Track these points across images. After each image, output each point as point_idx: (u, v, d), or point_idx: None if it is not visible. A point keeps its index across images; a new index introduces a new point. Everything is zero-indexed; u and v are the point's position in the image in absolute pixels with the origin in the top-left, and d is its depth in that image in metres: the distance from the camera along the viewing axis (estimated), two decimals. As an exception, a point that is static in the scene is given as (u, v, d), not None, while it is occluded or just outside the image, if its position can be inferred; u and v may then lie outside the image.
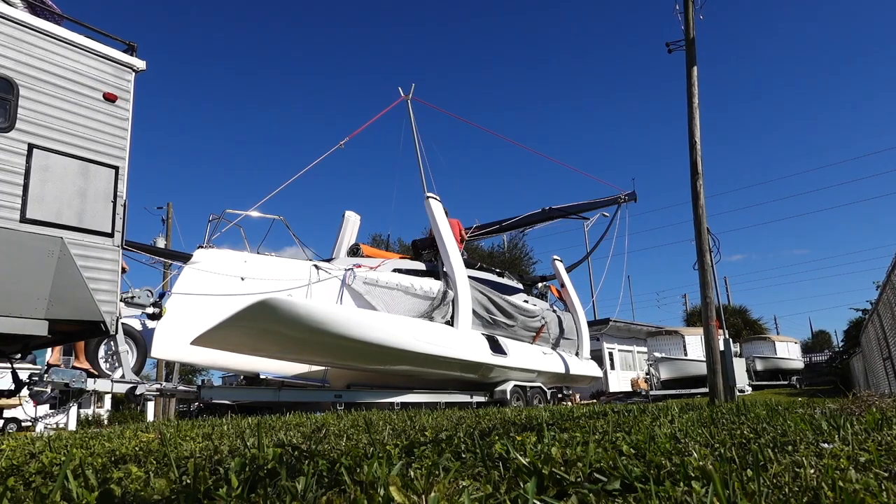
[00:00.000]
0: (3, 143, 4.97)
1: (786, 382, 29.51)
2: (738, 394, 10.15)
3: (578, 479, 1.66)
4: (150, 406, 20.45)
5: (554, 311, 14.67)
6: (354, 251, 12.45)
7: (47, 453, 2.97)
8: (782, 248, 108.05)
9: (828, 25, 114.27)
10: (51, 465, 2.57)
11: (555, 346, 14.17)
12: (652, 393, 24.53)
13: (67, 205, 5.25)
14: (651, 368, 26.11)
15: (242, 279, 9.31)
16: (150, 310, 8.84)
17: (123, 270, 7.51)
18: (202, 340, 7.88)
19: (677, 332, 27.60)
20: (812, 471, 1.74)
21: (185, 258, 9.23)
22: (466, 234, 14.82)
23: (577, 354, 14.93)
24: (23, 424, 17.00)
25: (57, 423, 9.66)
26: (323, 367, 10.55)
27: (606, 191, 18.54)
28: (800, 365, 32.35)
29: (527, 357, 12.60)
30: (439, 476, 1.75)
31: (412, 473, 1.75)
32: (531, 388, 12.96)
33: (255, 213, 10.97)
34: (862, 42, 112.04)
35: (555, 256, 16.38)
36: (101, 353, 8.49)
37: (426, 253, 13.81)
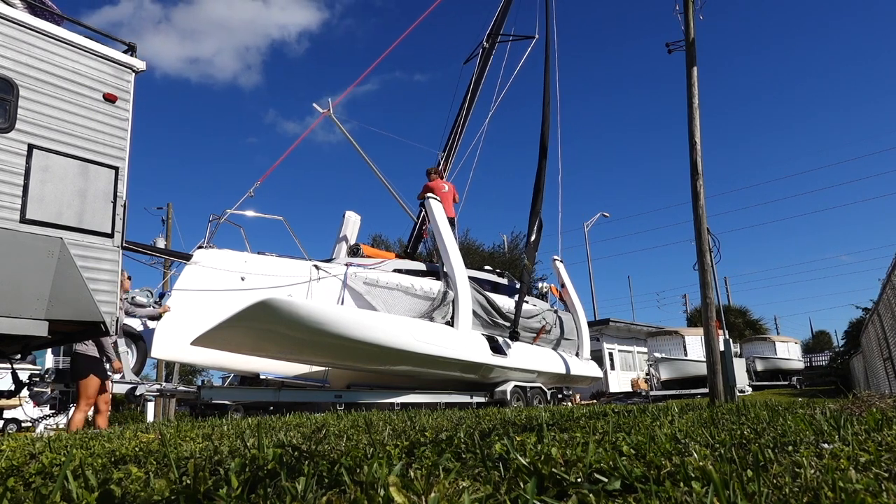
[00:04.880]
0: (3, 144, 4.97)
1: (786, 383, 29.47)
2: (738, 394, 10.15)
3: (578, 480, 1.66)
4: (150, 407, 20.42)
5: (554, 312, 14.67)
6: (354, 251, 12.45)
7: (47, 454, 2.96)
8: (783, 249, 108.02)
9: (828, 25, 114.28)
10: (51, 465, 2.57)
11: (555, 346, 14.17)
12: (652, 393, 24.52)
13: (67, 205, 5.25)
14: (651, 369, 26.10)
15: (243, 279, 9.31)
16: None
17: (125, 290, 7.51)
18: (202, 341, 7.89)
19: (677, 333, 27.55)
20: (812, 471, 1.74)
21: (186, 258, 9.22)
22: (442, 176, 13.78)
23: (577, 355, 14.93)
24: (23, 425, 17.01)
25: (57, 424, 9.66)
26: (323, 368, 10.55)
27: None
28: (800, 365, 32.27)
29: (527, 357, 12.60)
30: (439, 476, 1.75)
31: (412, 474, 1.74)
32: (531, 388, 12.95)
33: (255, 214, 10.97)
34: (862, 42, 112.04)
35: (555, 256, 16.40)
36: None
37: (423, 255, 13.81)
